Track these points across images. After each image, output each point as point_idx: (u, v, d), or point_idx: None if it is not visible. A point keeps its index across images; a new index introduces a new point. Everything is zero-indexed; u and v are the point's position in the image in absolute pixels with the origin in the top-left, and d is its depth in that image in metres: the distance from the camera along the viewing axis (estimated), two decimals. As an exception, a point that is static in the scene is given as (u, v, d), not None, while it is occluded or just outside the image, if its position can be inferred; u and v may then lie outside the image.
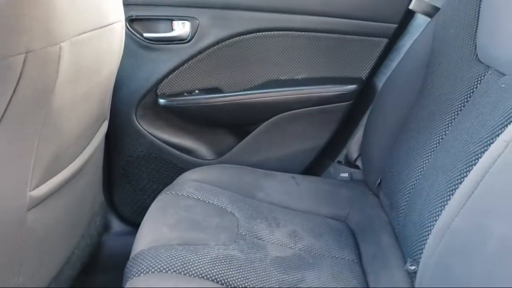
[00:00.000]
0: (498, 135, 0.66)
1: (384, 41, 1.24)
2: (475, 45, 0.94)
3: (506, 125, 0.65)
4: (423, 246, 0.73)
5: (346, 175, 1.28)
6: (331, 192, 1.20)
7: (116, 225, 1.40)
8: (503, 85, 0.76)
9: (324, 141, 1.31)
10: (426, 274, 0.68)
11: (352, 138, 1.32)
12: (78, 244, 1.07)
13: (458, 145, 0.81)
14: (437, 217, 0.72)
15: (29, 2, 0.66)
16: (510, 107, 0.68)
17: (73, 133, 0.87)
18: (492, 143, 0.66)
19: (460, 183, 0.71)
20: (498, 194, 0.59)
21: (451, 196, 0.72)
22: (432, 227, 0.72)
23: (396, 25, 1.23)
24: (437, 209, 0.75)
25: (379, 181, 1.12)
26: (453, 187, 0.73)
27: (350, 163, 1.32)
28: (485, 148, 0.68)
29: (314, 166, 1.34)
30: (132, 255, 0.89)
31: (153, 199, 1.10)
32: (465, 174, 0.71)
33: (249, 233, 0.99)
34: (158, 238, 0.91)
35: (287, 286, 0.85)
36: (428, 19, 1.15)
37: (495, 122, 0.71)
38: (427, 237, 0.72)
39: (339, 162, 1.35)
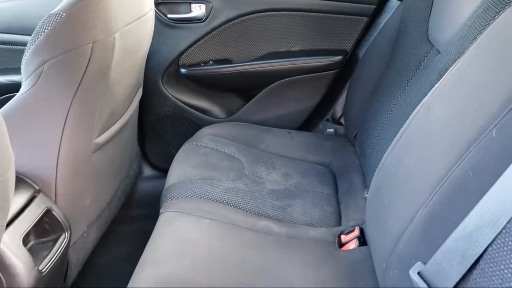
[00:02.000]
0: (421, 100, 0.94)
1: (365, 19, 1.49)
2: (427, 27, 1.19)
3: (426, 93, 0.92)
4: (371, 178, 1.03)
5: (331, 130, 1.57)
6: (318, 144, 1.49)
7: (147, 170, 1.72)
8: (435, 61, 1.03)
9: (315, 103, 1.58)
10: (369, 196, 0.98)
11: (337, 100, 1.60)
12: (122, 181, 1.40)
13: (404, 106, 1.09)
14: (381, 157, 1.01)
15: (93, 7, 0.95)
16: (432, 79, 0.96)
17: (121, 98, 1.17)
18: (418, 105, 0.94)
19: (398, 132, 1.00)
20: (412, 139, 0.88)
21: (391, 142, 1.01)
22: (377, 165, 1.01)
23: (374, 6, 1.47)
24: (383, 153, 1.04)
25: (355, 134, 1.41)
26: (395, 136, 1.02)
27: (335, 121, 1.60)
28: (414, 108, 0.97)
29: (306, 123, 1.62)
30: (165, 186, 1.21)
31: (177, 149, 1.41)
32: (401, 126, 1.00)
33: (252, 173, 1.30)
34: (184, 175, 1.23)
35: (278, 209, 1.16)
36: (399, 2, 1.40)
37: (424, 90, 0.98)
38: (374, 171, 1.02)
39: (327, 120, 1.62)
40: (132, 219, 1.66)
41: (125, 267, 1.03)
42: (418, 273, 0.68)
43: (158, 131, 1.64)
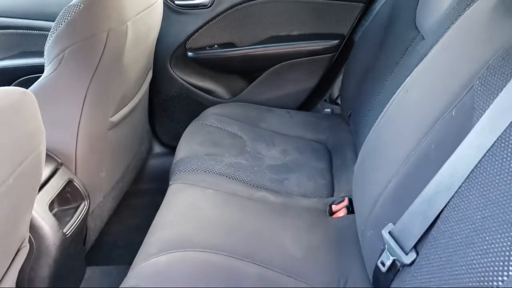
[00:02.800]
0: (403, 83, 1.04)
1: (361, 5, 1.58)
2: (415, 15, 1.28)
3: (406, 77, 1.02)
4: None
5: (328, 110, 1.67)
6: (316, 123, 1.60)
7: (157, 147, 1.84)
8: (418, 47, 1.12)
9: (313, 84, 1.68)
10: (356, 168, 1.09)
11: (334, 82, 1.70)
12: (134, 157, 1.52)
13: (391, 88, 1.19)
14: (367, 133, 1.11)
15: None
16: (413, 63, 1.05)
17: (133, 80, 1.29)
18: (397, 87, 1.04)
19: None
20: (391, 118, 0.98)
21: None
22: (364, 140, 1.12)
23: (370, -7, 1.56)
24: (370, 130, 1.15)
25: (349, 114, 1.51)
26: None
27: (332, 101, 1.70)
28: (397, 85, 1.06)
29: (305, 103, 1.73)
30: (174, 161, 1.33)
31: (184, 128, 1.52)
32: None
33: (252, 150, 1.41)
34: (191, 151, 1.35)
35: (275, 182, 1.27)
36: (393, -10, 1.48)
37: (406, 73, 1.08)
38: (362, 146, 1.13)
39: (324, 100, 1.73)
40: (143, 193, 1.79)
41: (137, 236, 1.14)
42: (389, 232, 0.80)
43: (167, 111, 1.76)
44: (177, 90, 1.71)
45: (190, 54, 1.65)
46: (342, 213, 1.16)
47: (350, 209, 1.16)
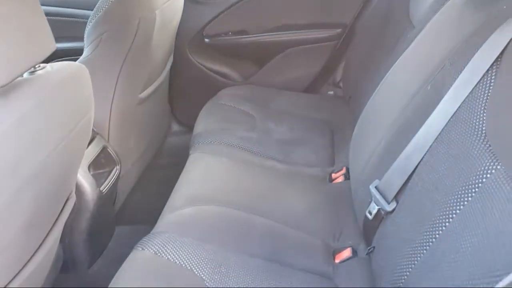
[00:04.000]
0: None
1: (363, -3, 1.73)
2: (409, 5, 1.43)
3: (394, 62, 1.17)
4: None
5: (332, 92, 1.83)
6: (320, 104, 1.76)
7: (175, 126, 2.00)
8: (408, 35, 1.28)
9: (318, 69, 1.84)
10: (352, 139, 1.25)
11: (337, 67, 1.85)
12: (156, 132, 1.70)
13: (386, 71, 1.35)
14: (362, 110, 1.27)
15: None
16: (402, 49, 1.21)
17: (158, 62, 1.46)
18: (389, 61, 1.19)
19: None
20: (383, 93, 1.14)
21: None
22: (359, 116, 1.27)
23: (372, -15, 1.71)
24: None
25: (350, 96, 1.67)
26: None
27: (335, 84, 1.86)
28: (390, 59, 1.21)
29: (311, 87, 1.88)
30: (193, 134, 1.50)
31: (200, 108, 1.69)
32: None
33: (262, 126, 1.56)
34: (208, 126, 1.52)
35: (282, 153, 1.44)
36: (392, -18, 1.62)
37: (397, 58, 1.24)
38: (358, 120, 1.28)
39: (328, 84, 1.89)
40: (163, 167, 1.96)
41: (159, 202, 1.27)
42: (375, 187, 0.97)
43: (185, 93, 1.92)
44: (194, 73, 1.87)
45: (207, 40, 1.81)
46: (340, 179, 1.32)
47: (347, 176, 1.32)
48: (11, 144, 0.66)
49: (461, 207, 0.72)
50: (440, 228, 0.74)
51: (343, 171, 1.35)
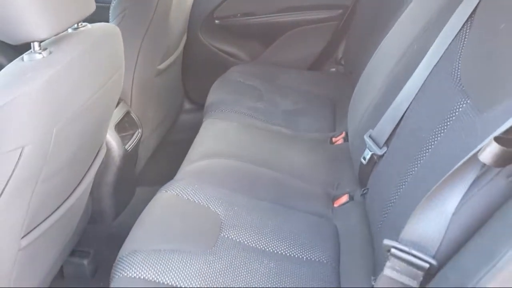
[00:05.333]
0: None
1: (362, -20, 1.86)
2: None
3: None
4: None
5: (334, 69, 1.97)
6: (323, 80, 1.90)
7: (187, 104, 2.14)
8: (403, 8, 1.41)
9: (321, 47, 1.97)
10: (350, 104, 1.39)
11: (339, 46, 1.98)
12: (170, 107, 1.84)
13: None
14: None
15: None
16: (395, 22, 1.34)
17: (175, 36, 1.61)
18: (385, 36, 1.32)
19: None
20: (379, 56, 1.28)
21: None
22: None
23: (371, -31, 1.84)
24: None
25: (351, 72, 1.81)
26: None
27: (337, 62, 1.99)
28: (385, 34, 1.35)
29: (315, 64, 2.01)
30: (206, 104, 1.65)
31: (211, 84, 1.83)
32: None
33: (269, 99, 1.70)
34: (219, 97, 1.66)
35: (287, 121, 1.58)
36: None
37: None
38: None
39: (330, 61, 2.02)
40: (176, 142, 2.10)
41: (174, 171, 1.34)
42: (369, 136, 1.10)
43: (196, 72, 2.06)
44: (205, 53, 2.01)
45: (217, 22, 1.95)
46: (340, 141, 1.46)
47: (347, 139, 1.46)
48: (64, 82, 0.80)
49: (438, 138, 0.85)
50: (421, 158, 0.88)
51: (343, 135, 1.48)
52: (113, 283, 0.90)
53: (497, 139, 0.55)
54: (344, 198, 1.20)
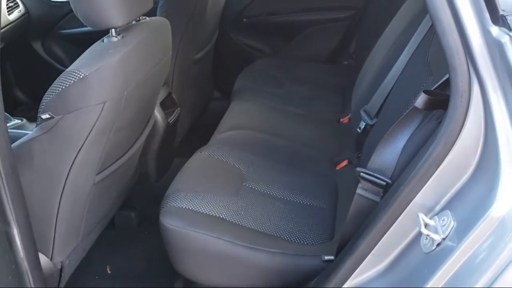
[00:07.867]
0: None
1: (373, -15, 2.12)
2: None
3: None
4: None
5: (346, 62, 2.24)
6: (336, 71, 2.16)
7: (216, 93, 2.43)
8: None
9: (336, 43, 2.24)
10: (354, 87, 1.65)
11: (351, 42, 2.25)
12: (202, 94, 2.14)
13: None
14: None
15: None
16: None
17: (209, 30, 1.91)
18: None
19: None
20: (380, 42, 1.54)
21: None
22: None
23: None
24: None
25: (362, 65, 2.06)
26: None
27: (349, 56, 2.26)
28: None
29: (330, 58, 2.28)
30: (233, 89, 1.94)
31: (237, 75, 2.11)
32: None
33: (287, 87, 1.97)
34: (244, 84, 1.96)
35: (301, 105, 1.85)
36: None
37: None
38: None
39: (344, 55, 2.29)
40: (206, 125, 2.37)
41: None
42: (364, 110, 1.37)
43: (225, 63, 2.35)
44: (233, 48, 2.31)
45: (245, 20, 2.25)
46: (345, 121, 1.73)
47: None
48: (133, 57, 1.11)
49: (409, 106, 1.12)
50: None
51: (349, 116, 1.75)
52: (162, 212, 1.20)
53: (426, 91, 0.82)
54: (344, 163, 1.47)
